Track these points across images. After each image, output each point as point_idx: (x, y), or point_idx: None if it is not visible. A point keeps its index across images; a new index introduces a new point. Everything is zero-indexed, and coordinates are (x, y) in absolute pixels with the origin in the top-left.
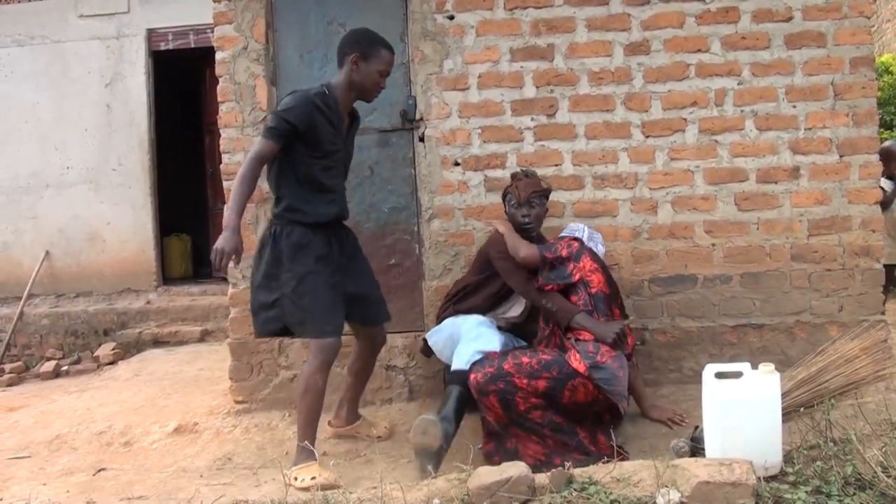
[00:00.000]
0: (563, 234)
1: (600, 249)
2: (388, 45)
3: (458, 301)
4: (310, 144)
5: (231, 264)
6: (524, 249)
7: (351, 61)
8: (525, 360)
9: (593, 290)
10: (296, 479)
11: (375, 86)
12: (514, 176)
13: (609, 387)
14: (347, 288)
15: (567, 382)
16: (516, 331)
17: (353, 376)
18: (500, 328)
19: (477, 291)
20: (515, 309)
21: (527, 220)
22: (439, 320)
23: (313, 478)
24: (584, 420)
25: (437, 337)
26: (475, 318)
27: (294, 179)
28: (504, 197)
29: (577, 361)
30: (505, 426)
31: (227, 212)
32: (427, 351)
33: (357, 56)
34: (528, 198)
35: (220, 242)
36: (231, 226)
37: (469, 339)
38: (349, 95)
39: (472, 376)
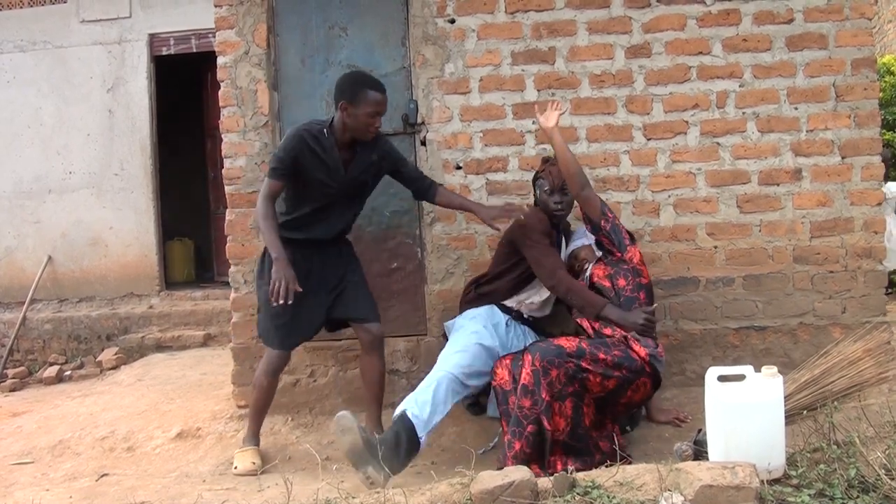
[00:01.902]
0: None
1: None
2: (376, 84)
3: (481, 285)
4: (300, 177)
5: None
6: (591, 190)
7: (340, 108)
8: (601, 356)
9: (644, 282)
10: (235, 467)
11: (367, 127)
12: (546, 160)
13: (662, 376)
14: (331, 297)
15: (633, 382)
16: (537, 325)
17: (363, 383)
18: (523, 318)
19: (500, 277)
20: (539, 294)
21: (559, 206)
22: (462, 305)
23: (253, 462)
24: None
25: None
26: (469, 331)
27: (290, 200)
28: (535, 181)
29: (638, 347)
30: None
31: (270, 248)
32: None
33: (344, 103)
34: (562, 185)
35: (276, 274)
36: (279, 256)
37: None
38: (345, 136)
39: (553, 372)
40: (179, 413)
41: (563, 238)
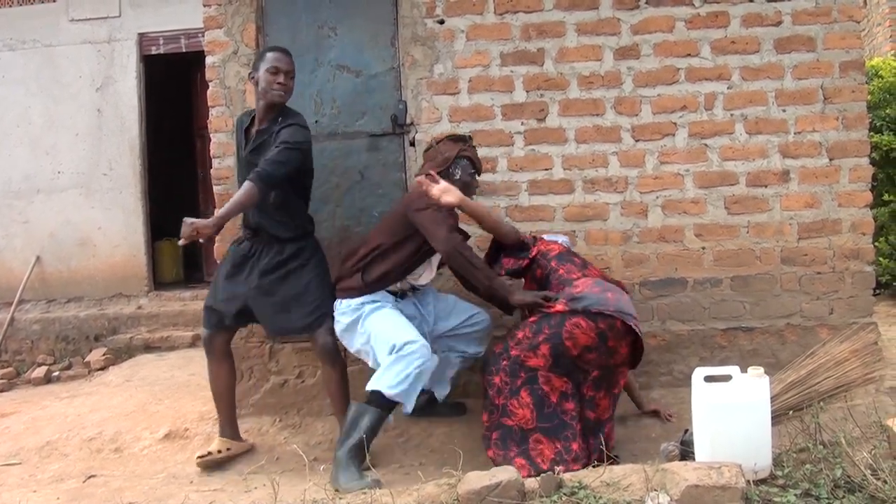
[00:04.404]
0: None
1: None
2: (275, 48)
3: (366, 268)
4: None
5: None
6: (514, 232)
7: (252, 82)
8: (520, 334)
9: (554, 253)
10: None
11: (270, 84)
12: (462, 139)
13: (600, 307)
14: (257, 298)
15: (562, 332)
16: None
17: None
18: (399, 294)
19: (386, 257)
20: (425, 277)
21: (477, 190)
22: (340, 274)
23: (219, 451)
24: (610, 387)
25: (339, 318)
26: (386, 314)
27: None
28: (454, 160)
29: (552, 307)
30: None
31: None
32: None
33: (252, 74)
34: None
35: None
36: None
37: (390, 353)
38: (262, 107)
39: (496, 378)
40: (167, 414)
41: None
